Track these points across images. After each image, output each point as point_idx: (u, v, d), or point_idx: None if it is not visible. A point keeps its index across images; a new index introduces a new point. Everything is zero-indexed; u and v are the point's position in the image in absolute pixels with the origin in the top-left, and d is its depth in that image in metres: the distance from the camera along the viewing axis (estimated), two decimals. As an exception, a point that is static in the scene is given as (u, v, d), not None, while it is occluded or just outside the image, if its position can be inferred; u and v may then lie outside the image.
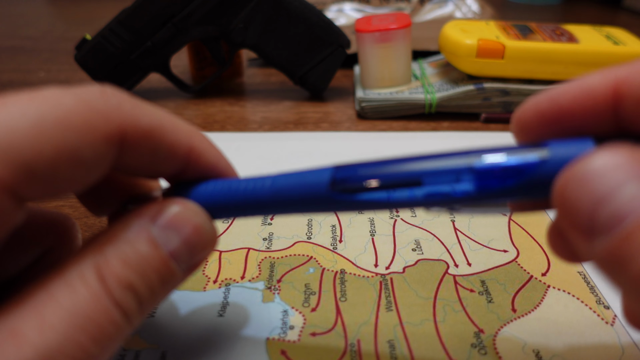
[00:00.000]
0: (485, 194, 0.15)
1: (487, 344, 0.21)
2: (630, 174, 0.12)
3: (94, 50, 0.46)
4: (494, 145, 0.15)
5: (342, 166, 0.17)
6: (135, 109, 0.15)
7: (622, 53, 0.42)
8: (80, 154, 0.13)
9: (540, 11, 0.93)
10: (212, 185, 0.18)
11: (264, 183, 0.17)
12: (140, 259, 0.15)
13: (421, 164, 0.16)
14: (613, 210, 0.12)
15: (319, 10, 0.46)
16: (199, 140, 0.17)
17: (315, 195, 0.17)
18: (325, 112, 0.47)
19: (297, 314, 0.23)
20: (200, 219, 0.17)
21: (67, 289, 0.14)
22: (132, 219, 0.16)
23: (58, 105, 0.13)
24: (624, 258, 0.11)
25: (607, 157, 0.12)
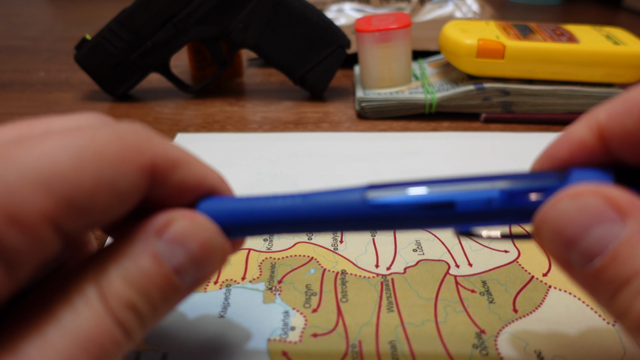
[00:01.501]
0: (513, 216, 0.16)
1: (488, 344, 0.21)
2: (595, 219, 0.14)
3: (94, 50, 0.46)
4: (519, 171, 0.16)
5: (377, 185, 0.17)
6: (163, 143, 0.16)
7: (622, 53, 0.42)
8: (116, 185, 0.14)
9: (540, 11, 0.93)
10: (231, 202, 0.18)
11: (293, 201, 0.17)
12: (142, 276, 0.15)
13: (454, 187, 0.16)
14: (584, 250, 0.14)
15: (319, 10, 0.46)
16: (212, 173, 0.18)
17: (351, 210, 0.17)
18: (325, 112, 0.47)
19: (298, 314, 0.23)
20: (208, 234, 0.16)
21: (70, 311, 0.14)
22: (138, 232, 0.16)
23: (94, 139, 0.14)
24: (594, 290, 0.14)
25: (575, 202, 0.14)
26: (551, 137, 0.40)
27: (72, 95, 0.51)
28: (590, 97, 0.43)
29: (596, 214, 0.14)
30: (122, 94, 0.49)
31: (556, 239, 0.15)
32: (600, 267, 0.14)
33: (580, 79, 0.43)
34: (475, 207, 0.16)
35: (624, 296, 0.13)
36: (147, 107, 0.48)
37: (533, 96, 0.44)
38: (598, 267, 0.14)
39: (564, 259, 0.15)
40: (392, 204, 0.16)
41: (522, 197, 0.16)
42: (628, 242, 0.13)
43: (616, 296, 0.14)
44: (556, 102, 0.44)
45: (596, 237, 0.14)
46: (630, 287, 0.13)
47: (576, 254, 0.14)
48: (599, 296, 0.14)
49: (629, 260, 0.13)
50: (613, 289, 0.14)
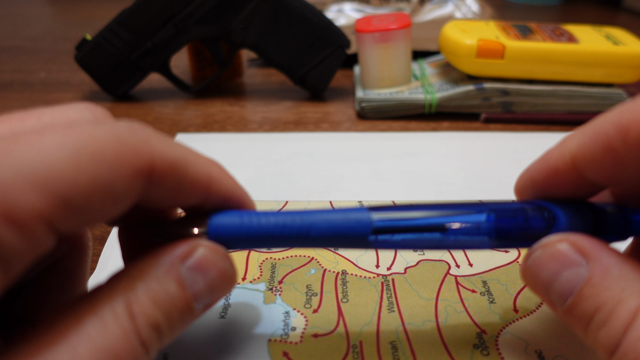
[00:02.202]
0: (501, 242, 0.18)
1: (489, 344, 0.21)
2: (563, 264, 0.16)
3: (94, 51, 0.46)
4: (507, 201, 0.19)
5: (378, 208, 0.18)
6: (162, 143, 0.15)
7: (621, 53, 0.42)
8: (112, 186, 0.14)
9: (540, 11, 0.93)
10: (236, 216, 0.18)
11: (299, 220, 0.18)
12: (168, 300, 0.16)
13: (447, 212, 0.18)
14: (558, 293, 0.17)
15: (319, 11, 0.46)
16: (217, 171, 0.18)
17: (355, 237, 0.18)
18: (325, 112, 0.47)
19: (298, 315, 0.23)
20: (226, 264, 0.17)
21: (98, 324, 0.14)
22: (162, 256, 0.16)
23: (92, 139, 0.14)
24: (572, 325, 0.17)
25: (547, 249, 0.17)
26: (551, 137, 0.40)
27: (72, 95, 0.51)
28: (590, 97, 0.43)
29: (564, 259, 0.17)
30: (122, 94, 0.49)
31: (536, 284, 0.17)
32: (571, 306, 0.16)
33: (580, 79, 0.43)
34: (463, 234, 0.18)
35: (591, 329, 0.16)
36: (147, 107, 0.48)
37: (533, 96, 0.44)
38: (569, 306, 0.16)
39: (547, 299, 0.17)
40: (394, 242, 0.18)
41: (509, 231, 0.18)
42: (590, 282, 0.16)
43: (587, 329, 0.16)
44: (556, 102, 0.44)
45: (566, 280, 0.16)
46: (594, 321, 0.16)
47: (554, 295, 0.17)
48: (577, 330, 0.17)
49: (591, 297, 0.16)
50: (584, 323, 0.16)
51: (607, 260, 0.16)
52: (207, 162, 0.17)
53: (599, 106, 0.44)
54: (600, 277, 0.16)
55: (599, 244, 0.17)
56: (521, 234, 0.18)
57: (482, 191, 0.33)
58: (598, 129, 0.16)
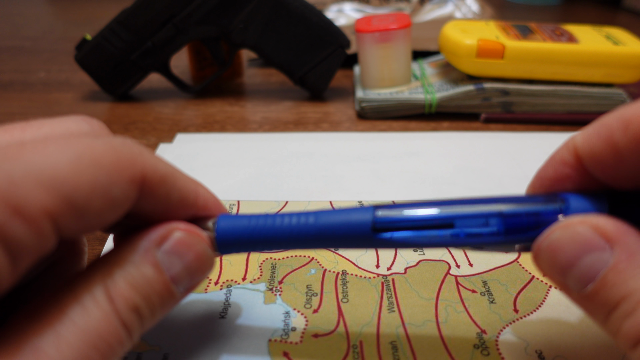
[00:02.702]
0: (510, 237, 0.17)
1: (489, 344, 0.21)
2: (585, 248, 0.16)
3: (94, 51, 0.46)
4: (517, 195, 0.18)
5: (382, 207, 0.18)
6: (153, 157, 0.17)
7: (622, 53, 0.42)
8: (110, 192, 0.15)
9: (540, 11, 0.93)
10: (240, 220, 0.19)
11: (304, 220, 0.18)
12: (145, 283, 0.16)
13: (454, 209, 0.17)
14: (577, 277, 0.16)
15: (319, 11, 0.46)
16: (203, 190, 0.19)
17: (359, 235, 0.18)
18: (325, 112, 0.47)
19: (299, 315, 0.23)
20: (202, 246, 0.18)
21: (80, 309, 0.15)
22: (138, 241, 0.17)
23: (91, 148, 0.15)
24: (590, 311, 0.16)
25: (566, 231, 0.16)
26: (551, 137, 0.40)
27: (72, 95, 0.51)
28: (590, 97, 0.43)
29: (586, 243, 0.16)
30: (122, 94, 0.49)
31: (552, 267, 0.16)
32: (592, 292, 0.15)
33: (580, 79, 0.43)
34: (472, 230, 0.17)
35: (615, 318, 0.15)
36: (147, 107, 0.48)
37: (533, 96, 0.44)
38: (590, 292, 0.16)
39: (561, 283, 0.17)
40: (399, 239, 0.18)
41: (519, 221, 0.17)
42: (616, 269, 0.15)
43: (608, 318, 0.15)
44: (556, 102, 0.44)
45: (587, 265, 0.15)
46: (619, 310, 0.15)
47: (571, 279, 0.16)
48: (595, 317, 0.16)
49: (617, 285, 0.15)
50: (605, 311, 0.15)
51: (634, 244, 0.15)
52: (194, 181, 0.18)
53: (599, 106, 0.44)
54: (627, 263, 0.15)
55: (624, 227, 0.16)
56: (532, 225, 0.17)
57: (482, 191, 0.33)
58: (602, 122, 0.16)
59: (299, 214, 0.18)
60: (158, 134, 0.42)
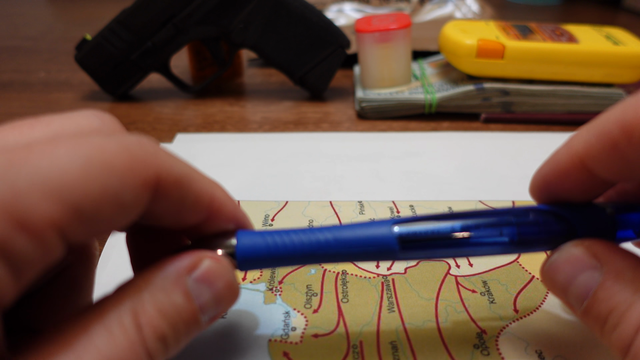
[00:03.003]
0: (521, 249, 0.19)
1: (489, 344, 0.21)
2: (578, 268, 0.17)
3: (94, 51, 0.46)
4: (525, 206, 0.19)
5: (401, 220, 0.18)
6: (168, 158, 0.16)
7: (621, 53, 0.42)
8: (121, 197, 0.14)
9: (540, 11, 0.93)
10: (262, 237, 0.18)
11: (324, 238, 0.18)
12: (174, 311, 0.16)
13: (469, 221, 0.18)
14: (574, 295, 0.17)
15: (319, 11, 0.46)
16: (219, 191, 0.18)
17: (383, 252, 0.18)
18: (325, 112, 0.47)
19: (299, 315, 0.23)
20: (231, 276, 0.17)
21: (105, 334, 0.14)
22: (168, 267, 0.16)
23: (103, 150, 0.14)
24: (589, 326, 0.17)
25: (563, 254, 0.18)
26: (551, 137, 0.40)
27: (72, 95, 0.51)
28: (590, 97, 0.43)
29: (579, 263, 0.17)
30: (122, 94, 0.49)
31: (554, 286, 0.18)
32: (587, 308, 0.17)
33: (580, 79, 0.43)
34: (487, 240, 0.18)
35: (606, 330, 0.16)
36: (147, 107, 0.48)
37: (533, 96, 0.44)
38: (586, 308, 0.17)
39: (565, 302, 0.18)
40: (420, 253, 0.19)
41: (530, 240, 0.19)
42: (603, 286, 0.17)
43: (602, 330, 0.17)
44: (556, 102, 0.44)
45: (582, 283, 0.17)
46: (609, 323, 0.16)
47: (571, 297, 0.18)
48: (594, 330, 0.17)
49: (605, 300, 0.16)
50: (599, 325, 0.17)
51: (620, 263, 0.17)
52: (210, 182, 0.18)
53: (599, 106, 0.44)
54: (613, 281, 0.16)
55: (612, 248, 0.17)
56: (541, 241, 0.19)
57: (482, 191, 0.33)
58: (602, 129, 0.16)
59: (320, 230, 0.18)
60: (158, 134, 0.42)
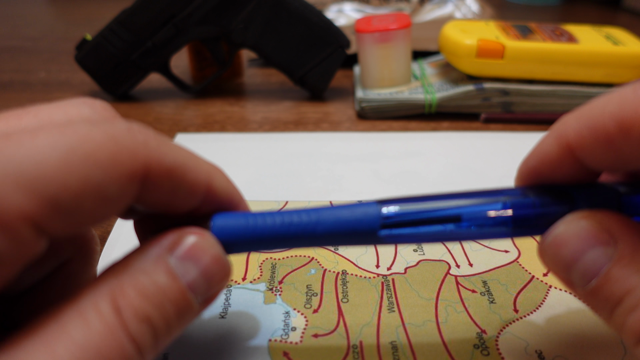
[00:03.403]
0: (519, 230, 0.17)
1: (489, 344, 0.21)
2: (588, 243, 0.15)
3: (94, 51, 0.46)
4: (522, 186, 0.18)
5: (388, 201, 0.17)
6: (160, 146, 0.15)
7: (621, 53, 0.42)
8: (105, 190, 0.13)
9: (540, 11, 0.93)
10: (240, 216, 0.17)
11: (306, 218, 0.17)
12: (157, 291, 0.14)
13: (460, 202, 0.17)
14: (581, 273, 0.16)
15: (319, 11, 0.46)
16: (217, 177, 0.17)
17: (365, 233, 0.17)
18: (325, 112, 0.47)
19: (299, 315, 0.23)
20: (218, 250, 0.16)
21: (80, 321, 0.13)
22: (148, 248, 0.15)
23: (87, 140, 0.13)
24: (595, 307, 0.16)
25: (570, 226, 0.16)
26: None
27: (72, 95, 0.51)
28: (590, 97, 0.43)
29: (590, 238, 0.15)
30: (122, 94, 0.49)
31: (556, 262, 0.16)
32: (596, 287, 0.15)
33: (579, 79, 0.43)
34: (479, 223, 0.17)
35: (619, 313, 0.15)
36: (147, 107, 0.48)
37: (533, 96, 0.44)
38: (594, 287, 0.15)
39: (566, 279, 0.16)
40: (406, 235, 0.17)
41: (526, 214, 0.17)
42: (619, 264, 0.15)
43: (613, 313, 0.15)
44: (556, 102, 0.44)
45: (591, 260, 0.15)
46: (623, 305, 0.15)
47: (576, 275, 0.16)
48: (600, 313, 0.16)
49: (620, 280, 0.15)
50: (610, 307, 0.15)
51: (638, 240, 0.15)
52: (207, 167, 0.17)
53: (598, 106, 0.44)
54: (630, 258, 0.15)
55: (627, 222, 0.16)
56: (540, 220, 0.17)
57: (482, 191, 0.33)
58: (597, 122, 0.15)
59: (299, 211, 0.17)
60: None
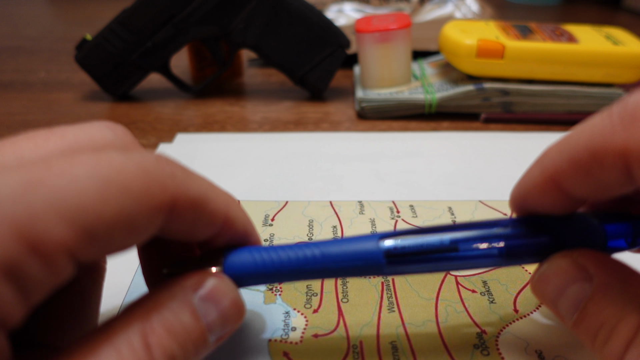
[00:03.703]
0: (510, 261, 0.18)
1: (489, 344, 0.21)
2: (568, 280, 0.17)
3: (94, 51, 0.46)
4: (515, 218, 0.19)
5: (390, 235, 0.18)
6: (186, 178, 0.16)
7: (621, 53, 0.42)
8: (135, 220, 0.14)
9: (540, 11, 0.93)
10: (250, 254, 0.19)
11: (314, 256, 0.18)
12: (183, 330, 0.16)
13: (457, 234, 0.18)
14: (564, 307, 0.17)
15: (319, 11, 0.46)
16: (233, 209, 0.18)
17: (370, 266, 0.18)
18: (325, 112, 0.47)
19: (299, 315, 0.23)
20: (236, 293, 0.18)
21: (114, 354, 0.14)
22: (174, 288, 0.16)
23: (122, 171, 0.14)
24: (580, 337, 0.17)
25: (552, 265, 0.18)
26: (551, 137, 0.40)
27: (72, 95, 0.51)
28: (590, 97, 0.43)
29: (568, 275, 0.17)
30: (122, 94, 0.49)
31: (544, 297, 0.18)
32: (577, 320, 0.17)
33: (579, 79, 0.43)
34: (475, 253, 0.18)
35: (597, 344, 0.16)
36: (147, 107, 0.48)
37: (533, 96, 0.44)
38: (576, 320, 0.17)
39: (555, 312, 0.18)
40: (408, 268, 0.18)
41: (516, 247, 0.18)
42: (594, 299, 0.16)
43: (593, 344, 0.17)
44: (556, 102, 0.44)
45: (572, 295, 0.17)
46: (599, 337, 0.16)
47: (561, 309, 0.18)
48: (584, 343, 0.17)
49: (595, 314, 0.16)
50: (590, 338, 0.17)
51: (610, 276, 0.16)
52: (226, 199, 0.18)
53: (599, 106, 0.44)
54: (603, 294, 0.16)
55: (602, 259, 0.17)
56: (529, 252, 0.18)
57: (482, 191, 0.33)
58: (573, 154, 0.16)
59: (307, 247, 0.18)
60: (158, 134, 0.42)
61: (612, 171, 0.15)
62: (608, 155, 0.15)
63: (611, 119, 0.15)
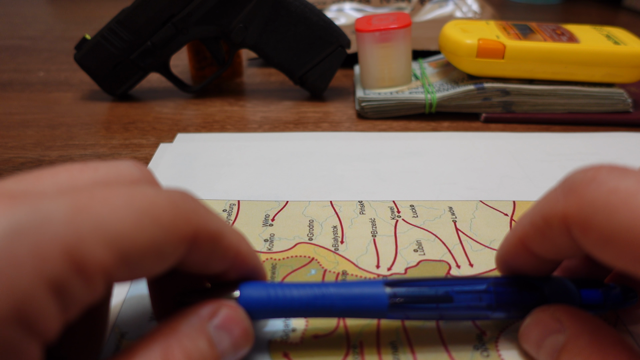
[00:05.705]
0: (499, 314, 0.21)
1: (489, 346, 0.21)
2: (545, 331, 0.19)
3: (93, 50, 0.46)
4: (503, 276, 0.21)
5: (394, 283, 0.20)
6: (206, 213, 0.17)
7: (622, 53, 0.42)
8: (163, 249, 0.15)
9: (541, 11, 0.93)
10: (264, 288, 0.20)
11: (322, 297, 0.20)
12: (200, 356, 0.17)
13: (453, 287, 0.20)
14: (544, 355, 0.19)
15: (319, 10, 0.46)
16: (244, 245, 0.19)
17: (375, 313, 0.20)
18: (325, 112, 0.47)
19: (298, 315, 0.23)
20: (247, 323, 0.19)
21: None
22: (191, 316, 0.18)
23: (154, 203, 0.15)
24: None
25: (534, 317, 0.20)
26: (551, 137, 0.40)
27: (72, 95, 0.51)
28: (590, 97, 0.43)
29: (546, 327, 0.19)
30: (122, 94, 0.49)
31: (528, 346, 0.20)
32: None
33: (580, 78, 0.43)
34: (468, 304, 0.20)
35: None
36: (147, 107, 0.48)
37: (533, 96, 0.44)
38: None
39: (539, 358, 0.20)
40: (408, 315, 0.20)
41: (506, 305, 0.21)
42: (565, 348, 0.18)
43: None
44: (556, 102, 0.44)
45: (550, 344, 0.19)
46: None
47: (542, 356, 0.20)
48: None
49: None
50: None
51: (580, 327, 0.19)
52: (238, 236, 0.19)
53: (599, 106, 0.44)
54: (574, 344, 0.18)
55: (575, 313, 0.19)
56: (517, 306, 0.21)
57: (482, 191, 0.33)
58: (533, 219, 0.19)
59: (318, 285, 0.20)
60: (158, 134, 0.42)
61: (559, 233, 0.17)
62: (554, 219, 0.17)
63: (557, 191, 0.18)
